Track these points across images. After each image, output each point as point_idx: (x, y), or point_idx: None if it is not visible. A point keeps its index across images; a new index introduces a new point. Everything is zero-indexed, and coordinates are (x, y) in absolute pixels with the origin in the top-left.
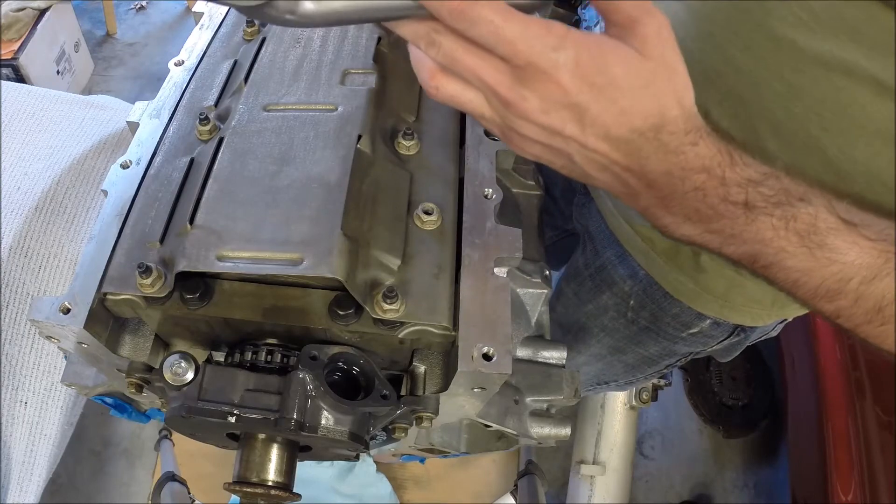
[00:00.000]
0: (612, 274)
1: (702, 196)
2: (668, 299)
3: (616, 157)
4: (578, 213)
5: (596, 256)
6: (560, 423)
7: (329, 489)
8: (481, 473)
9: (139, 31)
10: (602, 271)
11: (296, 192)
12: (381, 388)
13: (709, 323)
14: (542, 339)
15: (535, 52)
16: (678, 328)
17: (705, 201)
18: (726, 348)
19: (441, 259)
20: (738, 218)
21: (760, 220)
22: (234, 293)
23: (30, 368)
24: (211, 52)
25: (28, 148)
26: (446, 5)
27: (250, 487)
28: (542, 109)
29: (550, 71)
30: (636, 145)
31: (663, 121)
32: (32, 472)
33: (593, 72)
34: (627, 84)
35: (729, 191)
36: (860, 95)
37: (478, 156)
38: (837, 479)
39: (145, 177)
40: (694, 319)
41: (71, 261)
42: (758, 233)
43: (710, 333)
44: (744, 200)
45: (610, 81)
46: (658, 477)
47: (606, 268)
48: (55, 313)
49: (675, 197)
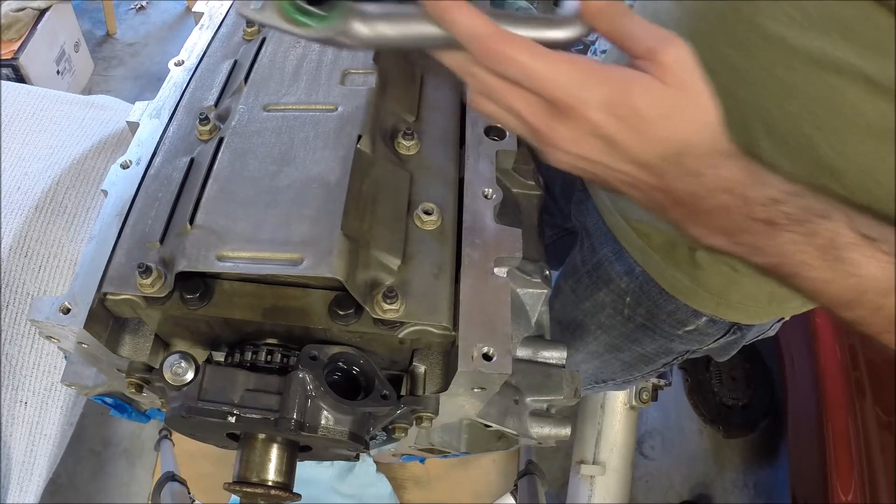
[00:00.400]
0: (608, 271)
1: (726, 213)
2: (664, 296)
3: (644, 178)
4: (577, 209)
5: (593, 253)
6: (560, 423)
7: (329, 489)
8: (481, 473)
9: (139, 31)
10: (599, 268)
11: (296, 192)
12: (381, 388)
13: (704, 321)
14: (542, 339)
15: (562, 90)
16: (674, 325)
17: (729, 218)
18: (723, 347)
19: (441, 259)
20: (761, 233)
21: (783, 235)
22: (234, 293)
23: (30, 368)
24: (211, 52)
25: (28, 148)
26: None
27: (250, 487)
28: (572, 139)
29: (578, 107)
30: (662, 168)
31: (686, 147)
32: (32, 472)
33: (619, 105)
34: (651, 114)
35: (752, 209)
36: (852, 93)
37: (478, 156)
38: (837, 479)
39: (145, 177)
40: (690, 317)
41: (71, 261)
42: (780, 247)
43: (705, 331)
44: (766, 218)
45: (634, 112)
46: (658, 477)
47: (603, 265)
48: (55, 313)
49: (702, 213)
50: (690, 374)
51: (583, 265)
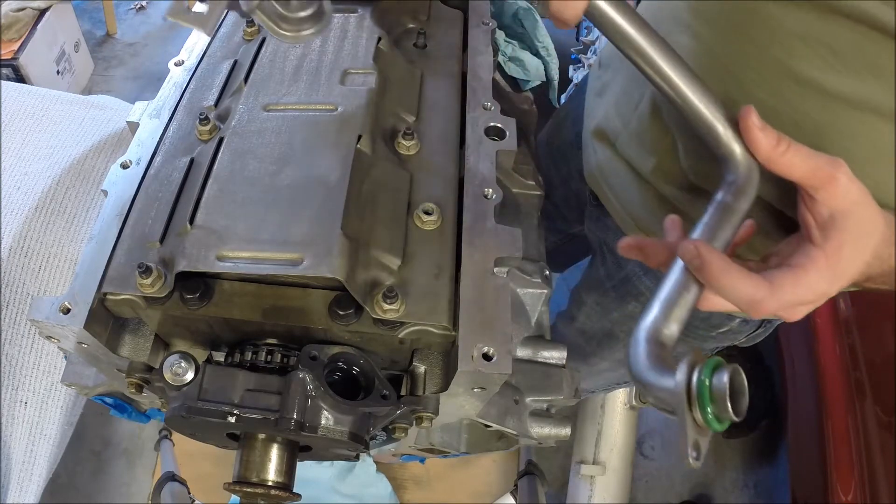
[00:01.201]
0: (637, 285)
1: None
2: None
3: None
4: (594, 225)
5: (619, 269)
6: (560, 423)
7: (329, 489)
8: (481, 473)
9: (139, 31)
10: (627, 282)
11: (296, 192)
12: (381, 388)
13: (738, 322)
14: (542, 339)
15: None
16: (707, 329)
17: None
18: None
19: (441, 259)
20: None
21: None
22: (234, 293)
23: (30, 368)
24: (211, 52)
25: (28, 148)
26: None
27: (250, 487)
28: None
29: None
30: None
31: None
32: (32, 472)
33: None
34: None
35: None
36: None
37: (478, 156)
38: (837, 479)
39: (145, 177)
40: (724, 320)
41: (71, 261)
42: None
43: (738, 330)
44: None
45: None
46: (658, 477)
47: (631, 279)
48: (55, 313)
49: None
50: None
51: (607, 279)
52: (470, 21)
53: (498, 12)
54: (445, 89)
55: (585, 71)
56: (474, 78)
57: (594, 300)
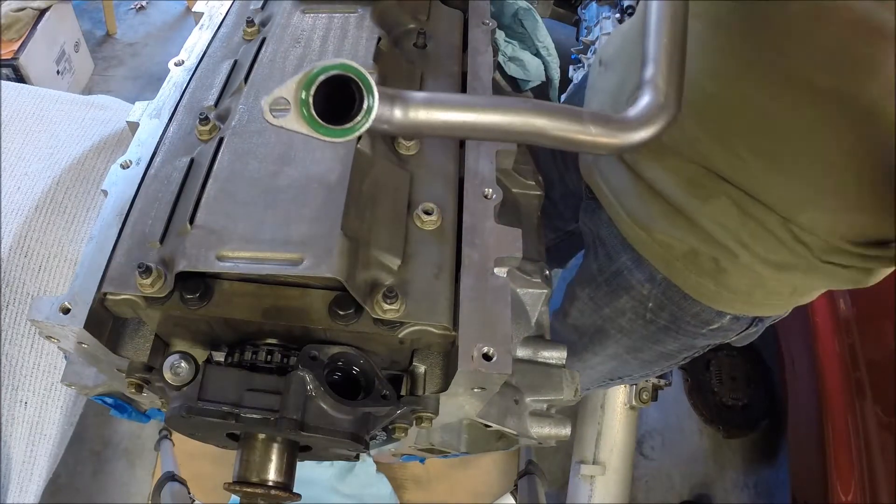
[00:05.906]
0: (628, 279)
1: None
2: (688, 300)
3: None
4: (588, 218)
5: (610, 262)
6: (560, 423)
7: (329, 489)
8: (481, 473)
9: (139, 31)
10: (618, 276)
11: (296, 192)
12: (381, 388)
13: (729, 318)
14: (542, 339)
15: None
16: (698, 325)
17: None
18: (744, 337)
19: (441, 259)
20: None
21: None
22: (234, 293)
23: (30, 368)
24: (211, 52)
25: (28, 148)
26: None
27: (250, 487)
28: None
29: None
30: None
31: None
32: (32, 472)
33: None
34: None
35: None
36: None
37: (478, 156)
38: (837, 479)
39: (145, 177)
40: (714, 316)
41: (71, 261)
42: None
43: (729, 327)
44: None
45: None
46: (658, 477)
47: (622, 273)
48: (55, 313)
49: None
50: (690, 374)
51: (599, 273)
52: (470, 21)
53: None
54: (445, 89)
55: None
56: (474, 78)
57: (587, 295)
